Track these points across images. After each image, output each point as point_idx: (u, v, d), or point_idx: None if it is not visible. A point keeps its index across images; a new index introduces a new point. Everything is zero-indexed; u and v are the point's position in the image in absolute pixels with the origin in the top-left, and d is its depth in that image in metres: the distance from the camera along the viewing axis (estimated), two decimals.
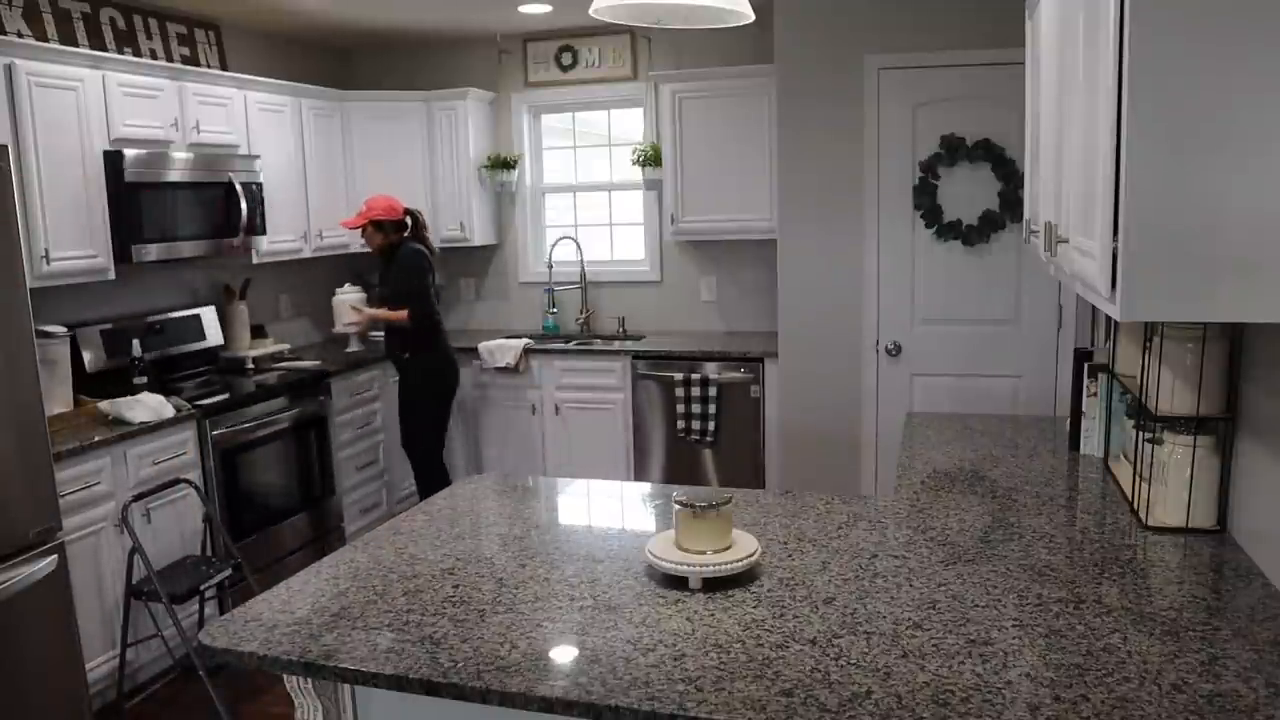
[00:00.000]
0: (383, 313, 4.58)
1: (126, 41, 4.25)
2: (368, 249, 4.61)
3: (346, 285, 5.19)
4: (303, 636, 1.70)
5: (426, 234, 4.61)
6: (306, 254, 4.92)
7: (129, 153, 3.76)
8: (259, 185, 4.43)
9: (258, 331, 4.88)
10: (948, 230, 4.20)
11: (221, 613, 3.81)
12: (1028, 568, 1.89)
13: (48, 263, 3.48)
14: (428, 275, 4.50)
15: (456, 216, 5.39)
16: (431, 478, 4.71)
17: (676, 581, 1.86)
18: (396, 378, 4.72)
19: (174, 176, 3.97)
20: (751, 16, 2.11)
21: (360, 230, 4.53)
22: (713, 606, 1.76)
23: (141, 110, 3.89)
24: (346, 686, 1.84)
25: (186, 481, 3.66)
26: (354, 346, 5.13)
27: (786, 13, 4.30)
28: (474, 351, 5.12)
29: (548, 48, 5.45)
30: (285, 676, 1.74)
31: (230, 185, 4.24)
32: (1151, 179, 1.40)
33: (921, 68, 4.15)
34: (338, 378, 4.71)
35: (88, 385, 3.81)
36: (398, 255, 4.51)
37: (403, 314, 4.49)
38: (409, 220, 4.55)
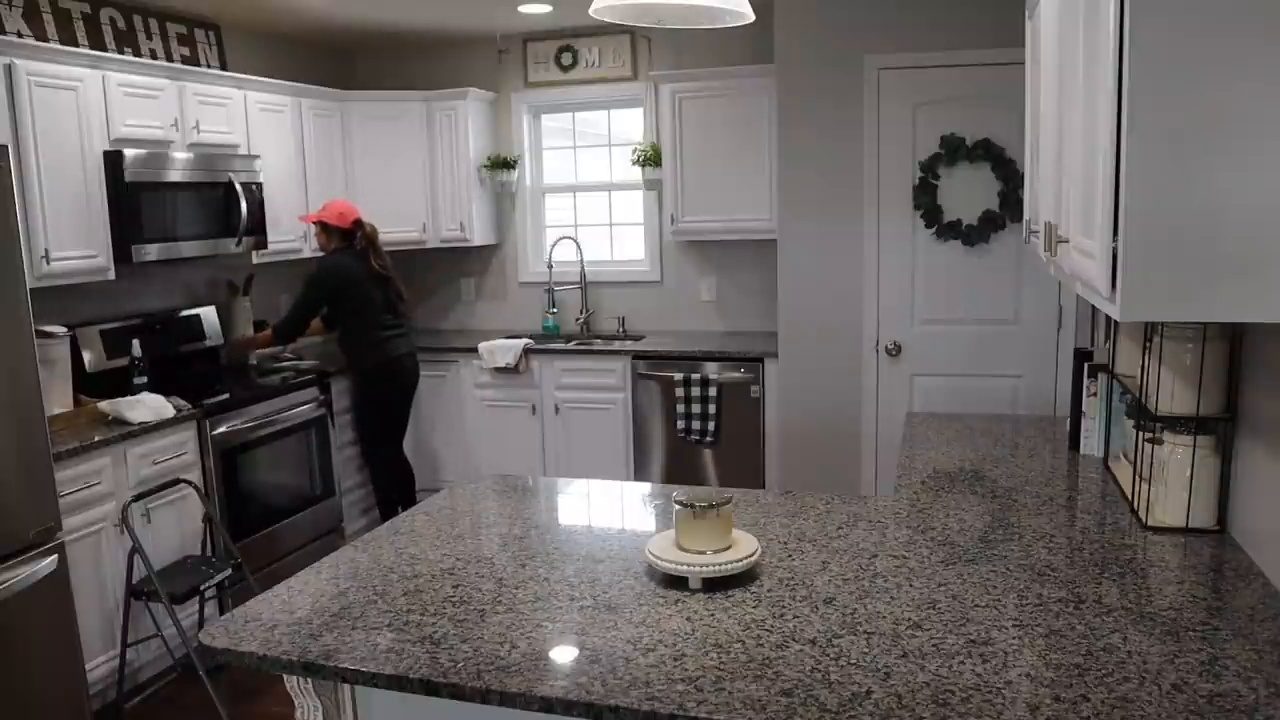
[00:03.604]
0: (248, 338, 4.61)
1: (126, 41, 4.25)
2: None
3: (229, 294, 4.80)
4: (303, 636, 1.70)
5: (375, 249, 4.50)
6: (306, 254, 4.91)
7: (129, 153, 3.76)
8: (259, 185, 4.43)
9: (260, 327, 4.87)
10: (948, 230, 4.20)
11: (221, 613, 3.81)
12: (1028, 568, 1.89)
13: (48, 263, 3.48)
14: (320, 292, 4.40)
15: (456, 216, 5.39)
16: (381, 481, 4.77)
17: (676, 581, 1.86)
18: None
19: (174, 176, 3.97)
20: (751, 16, 2.11)
21: (316, 229, 4.54)
22: (713, 606, 1.76)
23: (141, 110, 3.89)
24: (346, 686, 1.84)
25: (186, 481, 3.66)
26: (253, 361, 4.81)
27: (786, 13, 4.30)
28: (474, 351, 5.12)
29: (548, 48, 5.45)
30: (285, 676, 1.74)
31: (230, 185, 4.25)
32: (1151, 179, 1.40)
33: (921, 68, 4.15)
34: (338, 378, 4.71)
35: (88, 385, 3.81)
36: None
37: (265, 336, 4.54)
38: (357, 232, 4.47)
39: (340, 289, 4.41)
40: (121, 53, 4.16)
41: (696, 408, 4.76)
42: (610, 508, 2.40)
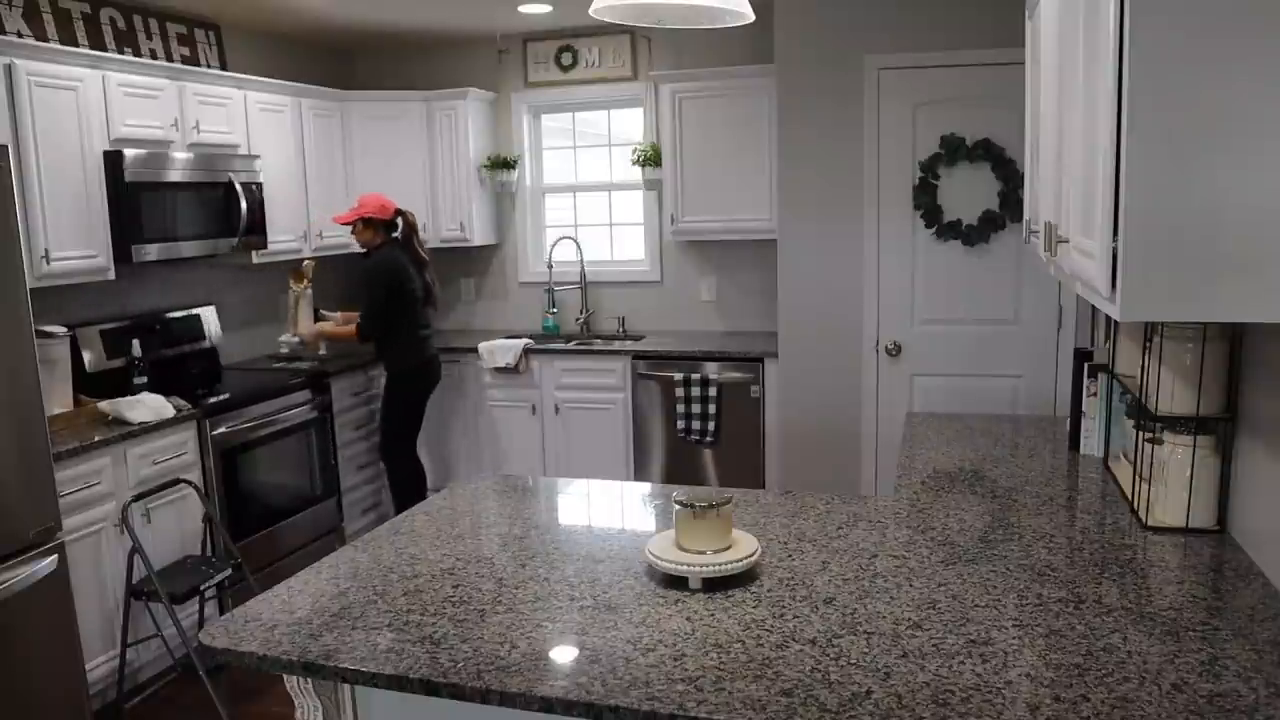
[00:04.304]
0: (331, 329, 4.63)
1: (126, 41, 4.25)
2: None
3: (292, 283, 4.75)
4: (303, 636, 1.70)
5: (416, 237, 4.54)
6: (306, 254, 4.92)
7: (129, 153, 3.76)
8: (259, 185, 4.43)
9: (318, 318, 4.83)
10: (948, 230, 4.20)
11: (221, 613, 3.82)
12: (1028, 568, 1.89)
13: (48, 263, 3.48)
14: (384, 289, 4.39)
15: (456, 216, 5.39)
16: (401, 478, 4.71)
17: (676, 581, 1.86)
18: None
19: (174, 176, 3.97)
20: (751, 16, 2.11)
21: (351, 226, 4.47)
22: (713, 606, 1.76)
23: (141, 110, 3.89)
24: (346, 686, 1.84)
25: (186, 481, 3.66)
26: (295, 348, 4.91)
27: (786, 13, 4.30)
28: (474, 351, 5.12)
29: (548, 48, 5.45)
30: (285, 676, 1.74)
31: (230, 185, 4.24)
32: (1151, 179, 1.40)
33: (921, 68, 4.15)
34: (338, 378, 4.71)
35: (88, 385, 3.81)
36: (367, 263, 4.47)
37: (349, 330, 4.51)
38: (399, 222, 4.50)
39: (397, 284, 4.41)
40: (121, 53, 4.16)
41: (696, 408, 4.76)
42: (610, 508, 2.40)
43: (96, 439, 3.34)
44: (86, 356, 3.91)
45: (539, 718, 1.60)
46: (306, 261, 4.72)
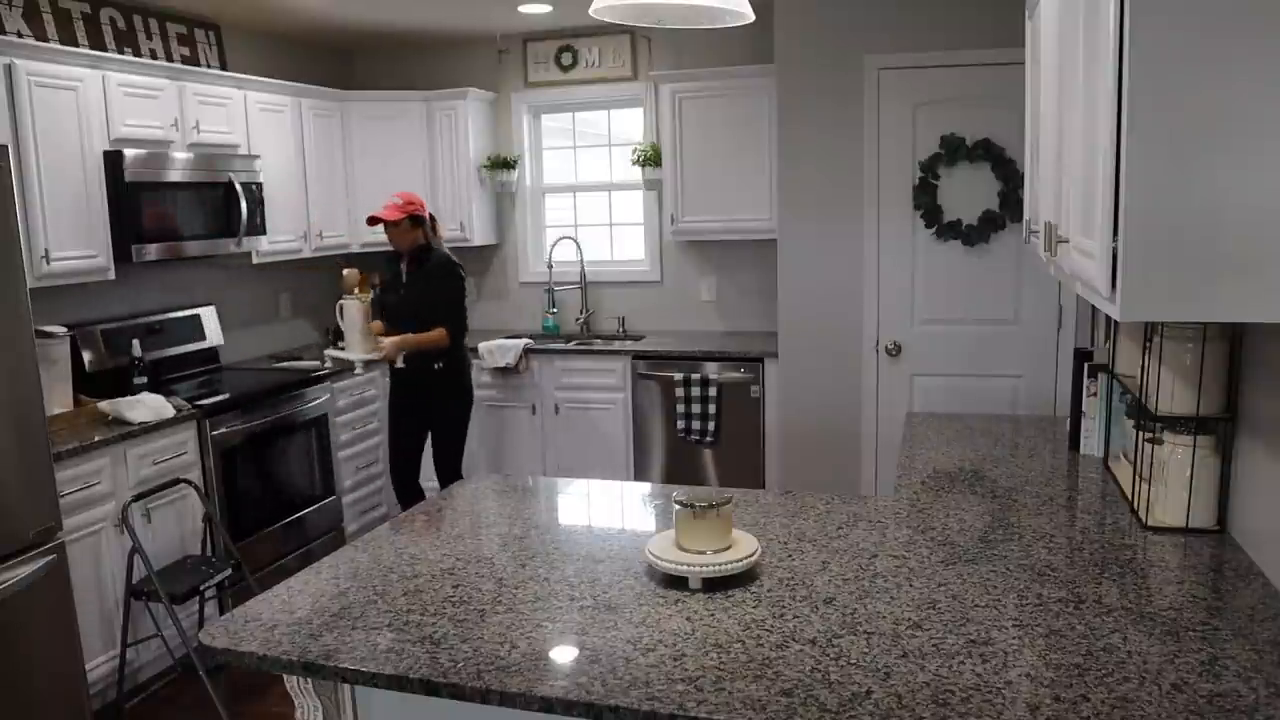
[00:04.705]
0: (416, 338, 4.05)
1: (126, 41, 4.25)
2: (368, 250, 4.58)
3: (356, 291, 4.19)
4: (303, 636, 1.70)
5: (439, 234, 4.30)
6: (306, 254, 4.92)
7: (129, 153, 3.76)
8: (259, 185, 4.43)
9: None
10: (948, 230, 4.20)
11: (221, 613, 3.81)
12: (1028, 568, 1.89)
13: (48, 263, 3.48)
14: (464, 285, 4.17)
15: (456, 216, 5.39)
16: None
17: (676, 581, 1.86)
18: (392, 380, 4.50)
19: (174, 176, 3.97)
20: (751, 16, 2.11)
21: (392, 225, 4.02)
22: (713, 606, 1.76)
23: (141, 110, 3.89)
24: (346, 686, 1.84)
25: (186, 481, 3.66)
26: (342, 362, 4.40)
27: (786, 13, 4.30)
28: (474, 351, 5.11)
29: (548, 48, 5.45)
30: (285, 676, 1.74)
31: (230, 185, 4.24)
32: (1151, 179, 1.40)
33: (921, 68, 4.15)
34: (338, 378, 4.71)
35: (88, 385, 3.81)
36: (431, 262, 4.10)
37: (439, 334, 4.07)
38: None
39: (465, 281, 4.23)
40: (121, 53, 4.16)
41: (696, 408, 4.75)
42: (610, 508, 2.40)
43: (96, 439, 3.34)
44: (86, 356, 3.91)
45: (539, 718, 1.60)
46: (350, 269, 4.32)
